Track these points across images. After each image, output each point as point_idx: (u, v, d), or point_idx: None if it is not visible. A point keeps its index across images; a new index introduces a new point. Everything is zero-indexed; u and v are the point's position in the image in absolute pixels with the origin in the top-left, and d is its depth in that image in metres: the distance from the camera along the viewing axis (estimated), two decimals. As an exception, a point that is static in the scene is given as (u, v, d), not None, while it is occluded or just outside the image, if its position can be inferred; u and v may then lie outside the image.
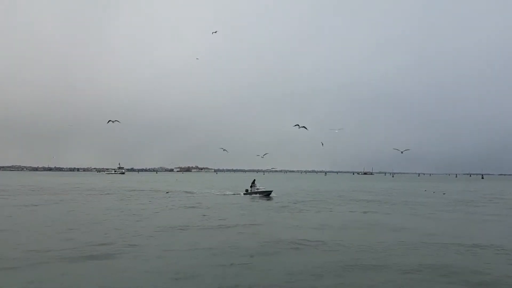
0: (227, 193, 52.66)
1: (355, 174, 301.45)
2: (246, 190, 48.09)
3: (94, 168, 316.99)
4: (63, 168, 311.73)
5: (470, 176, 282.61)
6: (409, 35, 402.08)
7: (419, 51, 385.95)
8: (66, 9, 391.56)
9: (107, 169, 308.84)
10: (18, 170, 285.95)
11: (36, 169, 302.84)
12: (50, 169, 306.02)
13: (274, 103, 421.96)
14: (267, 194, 45.46)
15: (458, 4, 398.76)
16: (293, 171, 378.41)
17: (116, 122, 56.47)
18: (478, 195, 56.74)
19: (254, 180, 50.33)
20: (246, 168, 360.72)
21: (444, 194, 56.58)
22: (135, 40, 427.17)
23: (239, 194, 49.28)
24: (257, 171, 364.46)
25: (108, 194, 50.27)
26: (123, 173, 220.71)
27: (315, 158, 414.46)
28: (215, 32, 79.72)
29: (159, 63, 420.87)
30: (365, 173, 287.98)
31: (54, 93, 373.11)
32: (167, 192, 52.58)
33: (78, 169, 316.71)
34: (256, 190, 46.49)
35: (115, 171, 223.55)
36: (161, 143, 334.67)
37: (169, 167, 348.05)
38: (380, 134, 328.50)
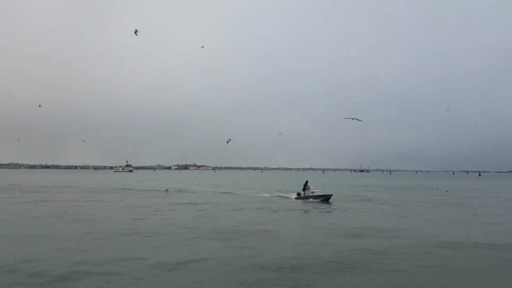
0: (276, 194, 46.11)
1: (352, 171, 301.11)
2: (298, 194, 40.10)
3: (92, 166, 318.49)
4: (60, 166, 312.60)
5: (467, 173, 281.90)
6: (409, 34, 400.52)
7: (419, 50, 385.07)
8: (68, 9, 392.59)
9: (105, 166, 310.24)
10: (15, 168, 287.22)
11: (33, 166, 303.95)
12: (47, 166, 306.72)
13: (274, 102, 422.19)
14: (326, 199, 37.25)
15: (458, 3, 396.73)
16: (291, 169, 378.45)
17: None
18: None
19: (307, 181, 41.31)
20: (244, 166, 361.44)
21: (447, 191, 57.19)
22: (137, 40, 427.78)
23: (290, 197, 41.60)
24: (255, 168, 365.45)
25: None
26: (131, 171, 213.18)
27: (313, 156, 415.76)
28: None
29: (161, 63, 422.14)
30: (361, 171, 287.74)
31: (55, 92, 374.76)
32: (166, 190, 51.09)
33: (75, 167, 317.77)
34: (312, 194, 38.17)
35: (123, 168, 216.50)
36: (159, 142, 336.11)
37: (167, 165, 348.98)
38: (379, 133, 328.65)
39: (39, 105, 59.65)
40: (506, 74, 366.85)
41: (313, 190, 38.88)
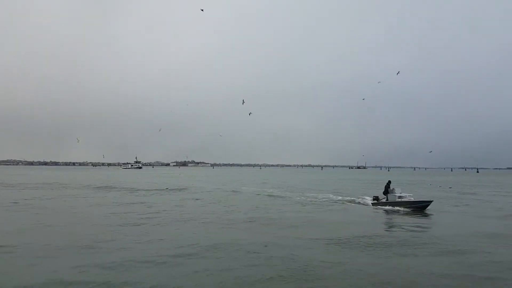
0: (331, 197, 35.78)
1: (350, 168, 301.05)
2: (376, 198, 30.31)
3: (90, 163, 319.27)
4: (59, 162, 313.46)
5: (465, 170, 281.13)
6: (411, 32, 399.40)
7: (420, 48, 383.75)
8: (74, 7, 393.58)
9: (103, 163, 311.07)
10: (13, 165, 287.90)
11: (31, 163, 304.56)
12: (45, 163, 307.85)
13: (274, 99, 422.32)
14: (421, 207, 26.78)
15: (463, 0, 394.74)
16: (289, 166, 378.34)
17: None
18: None
19: (390, 182, 30.60)
20: (242, 163, 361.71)
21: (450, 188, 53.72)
22: (143, 37, 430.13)
23: (360, 202, 31.72)
24: (254, 165, 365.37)
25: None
26: (140, 167, 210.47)
27: (311, 153, 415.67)
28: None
29: (164, 60, 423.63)
30: (358, 167, 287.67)
31: (60, 89, 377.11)
32: (166, 188, 47.51)
33: (74, 164, 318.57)
34: (399, 200, 27.99)
35: (132, 165, 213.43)
36: (158, 138, 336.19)
37: (165, 162, 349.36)
38: (378, 129, 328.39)
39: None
40: (506, 72, 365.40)
41: (400, 194, 28.70)
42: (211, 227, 18.68)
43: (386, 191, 29.80)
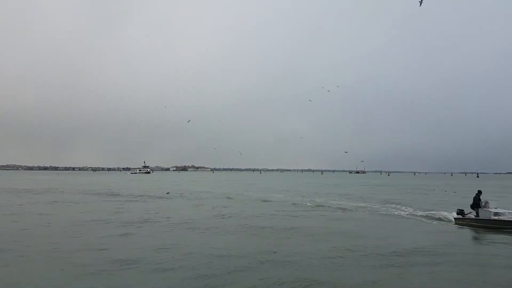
0: (403, 211, 28.78)
1: (349, 173, 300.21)
2: (461, 212, 23.32)
3: (90, 167, 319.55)
4: (58, 167, 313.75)
5: (465, 174, 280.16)
6: (411, 35, 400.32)
7: (421, 52, 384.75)
8: (79, 11, 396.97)
9: (103, 168, 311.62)
10: (13, 170, 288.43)
11: (31, 168, 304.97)
12: (45, 168, 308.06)
13: (275, 103, 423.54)
14: None
15: (462, 5, 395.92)
16: (289, 170, 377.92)
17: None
18: None
19: (480, 193, 22.97)
20: (242, 167, 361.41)
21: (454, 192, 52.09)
22: (149, 42, 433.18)
23: (444, 217, 25.01)
24: (254, 170, 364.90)
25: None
26: (149, 172, 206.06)
27: (311, 157, 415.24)
28: None
29: (167, 64, 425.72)
30: (357, 172, 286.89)
31: (62, 94, 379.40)
32: (167, 193, 46.03)
33: (73, 168, 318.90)
34: (496, 218, 20.66)
35: (140, 170, 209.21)
36: (158, 143, 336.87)
37: (165, 166, 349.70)
38: (378, 134, 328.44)
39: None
40: (506, 76, 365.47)
41: (496, 211, 21.38)
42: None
43: (476, 205, 22.53)
